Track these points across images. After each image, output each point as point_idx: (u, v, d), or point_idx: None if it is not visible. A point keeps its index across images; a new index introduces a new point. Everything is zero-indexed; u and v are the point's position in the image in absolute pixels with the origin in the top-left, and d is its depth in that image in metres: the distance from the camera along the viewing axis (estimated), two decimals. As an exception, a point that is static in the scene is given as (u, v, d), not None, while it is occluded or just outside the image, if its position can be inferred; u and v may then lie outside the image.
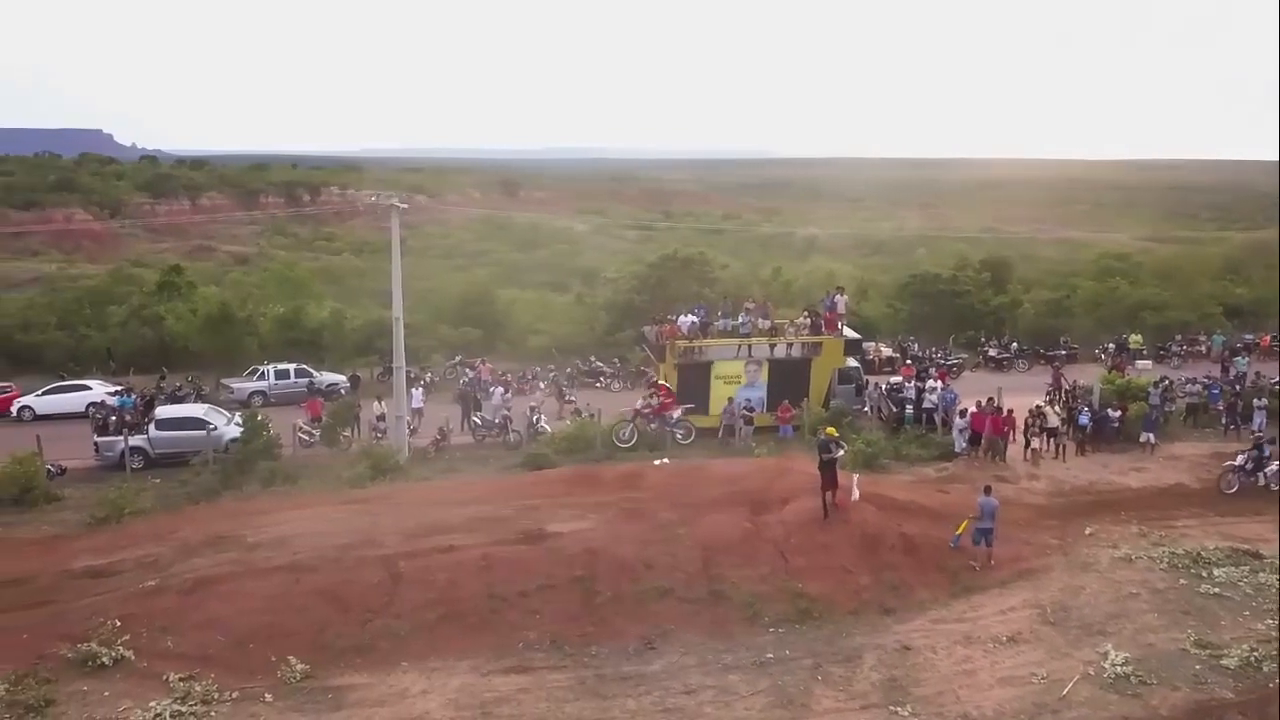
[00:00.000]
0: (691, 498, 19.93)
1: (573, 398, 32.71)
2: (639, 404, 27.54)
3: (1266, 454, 23.51)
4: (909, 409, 29.27)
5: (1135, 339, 42.61)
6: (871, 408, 30.67)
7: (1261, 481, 23.26)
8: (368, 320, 42.95)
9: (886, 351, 40.50)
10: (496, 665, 15.14)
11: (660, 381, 27.90)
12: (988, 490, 19.05)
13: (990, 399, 27.23)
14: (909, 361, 37.34)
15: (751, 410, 28.62)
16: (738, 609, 16.70)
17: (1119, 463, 25.92)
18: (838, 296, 31.33)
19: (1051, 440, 26.83)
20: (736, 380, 29.52)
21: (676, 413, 27.13)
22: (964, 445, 26.69)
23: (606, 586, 16.90)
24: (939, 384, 30.25)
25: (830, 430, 19.96)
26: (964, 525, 18.80)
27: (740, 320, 30.29)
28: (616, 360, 39.56)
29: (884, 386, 31.16)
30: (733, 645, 15.79)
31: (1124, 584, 17.89)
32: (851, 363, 31.24)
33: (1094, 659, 15.09)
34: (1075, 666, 14.90)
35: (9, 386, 35.50)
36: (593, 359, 39.86)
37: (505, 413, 29.52)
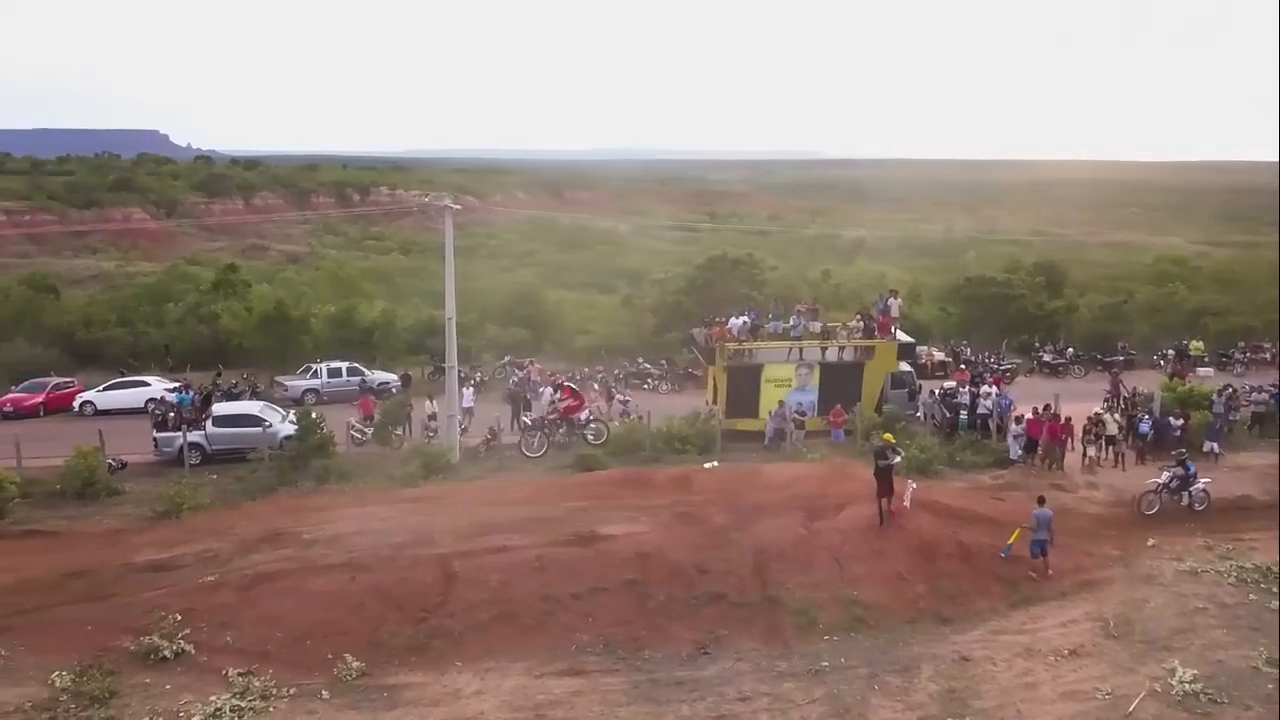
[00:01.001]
0: (744, 502, 19.79)
1: (628, 398, 32.68)
2: (546, 409, 26.72)
3: (1192, 472, 22.48)
4: (963, 415, 28.78)
5: (1196, 345, 41.59)
6: (925, 413, 30.19)
7: (1185, 501, 22.08)
8: (418, 320, 43.39)
9: (938, 356, 39.94)
10: (550, 667, 15.13)
11: (565, 383, 26.74)
12: (1041, 501, 18.70)
13: (1047, 405, 26.72)
14: (962, 366, 36.78)
15: (803, 414, 28.36)
16: (792, 616, 16.53)
17: (1182, 473, 25.22)
18: (891, 300, 30.93)
19: (1110, 448, 26.24)
20: (787, 384, 29.26)
21: (584, 414, 25.98)
22: (1019, 452, 26.18)
23: (659, 590, 16.83)
24: (994, 389, 29.75)
25: (887, 436, 19.72)
26: (1015, 535, 18.42)
27: (791, 323, 30.02)
28: (664, 362, 39.50)
29: (937, 391, 30.69)
30: (787, 652, 15.64)
31: (1190, 598, 17.42)
32: (904, 367, 30.84)
33: (1160, 675, 14.68)
34: (1141, 683, 14.50)
35: (71, 381, 36.37)
36: (640, 360, 39.83)
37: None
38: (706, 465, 24.64)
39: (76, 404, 34.40)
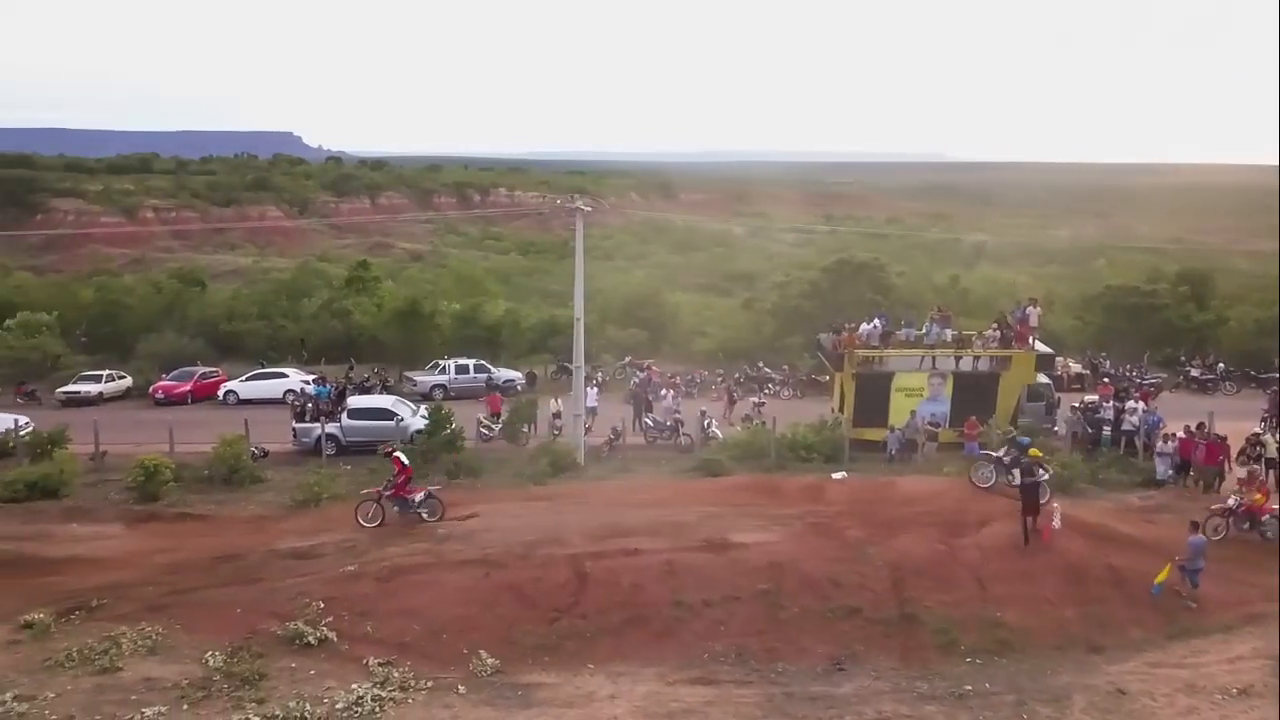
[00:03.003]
0: (879, 515, 19.24)
1: (763, 401, 32.37)
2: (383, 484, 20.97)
3: (1025, 444, 20.62)
4: (1107, 431, 27.39)
5: (1364, 363, 38.57)
6: (1067, 429, 28.75)
7: (1017, 480, 19.97)
8: (540, 319, 44.01)
9: (1075, 368, 38.20)
10: (682, 675, 14.93)
11: (395, 454, 20.73)
12: (1195, 527, 17.49)
13: (1200, 424, 25.13)
14: (1105, 380, 35.03)
15: (937, 425, 27.47)
16: (931, 635, 15.91)
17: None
18: (1030, 308, 29.67)
19: (1271, 472, 24.49)
20: (919, 393, 28.40)
21: (419, 495, 20.17)
22: (1169, 473, 24.73)
23: (793, 602, 16.45)
24: (1140, 405, 28.19)
25: (1034, 451, 18.83)
26: (1165, 571, 17.09)
27: (924, 330, 29.13)
28: (785, 367, 38.92)
29: (1078, 405, 29.29)
30: (927, 673, 15.05)
31: (1372, 638, 16.02)
32: (1042, 379, 29.53)
33: (1344, 723, 13.53)
34: (1322, 730, 13.40)
35: (216, 371, 38.26)
36: (760, 365, 39.35)
37: (677, 415, 29.45)
38: (835, 475, 24.06)
39: (221, 393, 36.15)
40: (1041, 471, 18.24)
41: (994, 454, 21.61)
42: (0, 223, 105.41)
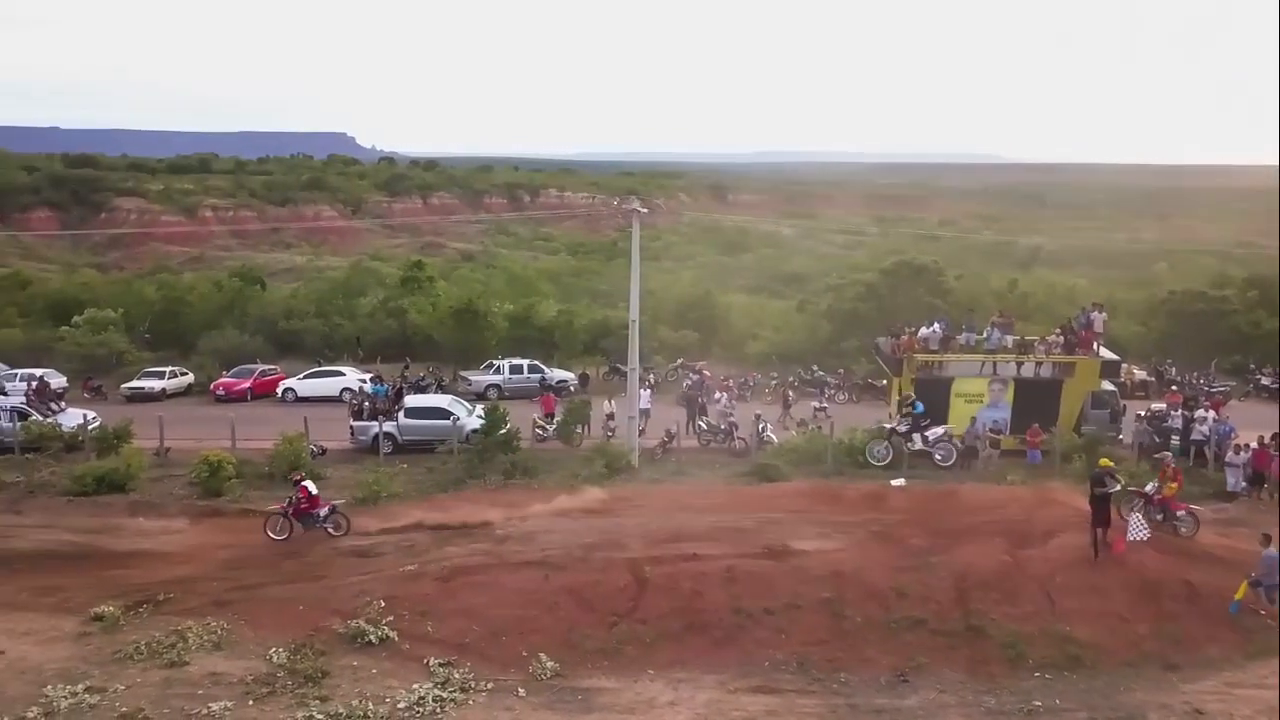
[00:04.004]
0: (943, 524, 18.90)
1: (822, 405, 32.08)
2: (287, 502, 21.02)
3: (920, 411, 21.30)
4: (1175, 440, 26.63)
5: None
6: (1134, 439, 27.97)
7: (918, 445, 21.94)
8: (592, 320, 44.02)
9: (1140, 375, 37.24)
10: (743, 683, 14.78)
11: (302, 483, 20.53)
12: (1268, 540, 16.86)
13: (1275, 434, 24.34)
14: (1173, 388, 34.10)
15: (999, 432, 26.93)
16: (998, 648, 15.56)
17: None
18: (1094, 313, 28.97)
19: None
20: (979, 399, 27.86)
21: (324, 510, 20.47)
22: (1241, 484, 23.97)
23: (856, 611, 16.20)
24: (1211, 414, 27.36)
25: (1105, 461, 18.34)
26: (1243, 589, 16.56)
27: (985, 335, 28.58)
28: (840, 370, 38.47)
29: (1144, 414, 28.52)
30: (995, 687, 14.72)
31: None
32: (1107, 386, 28.80)
33: None
34: None
35: (275, 369, 38.82)
36: (815, 368, 38.94)
37: (731, 419, 29.22)
38: (894, 482, 23.72)
39: (279, 390, 36.65)
40: (1112, 482, 17.70)
41: (888, 425, 21.25)
42: (66, 221, 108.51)
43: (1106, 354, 29.18)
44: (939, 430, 22.49)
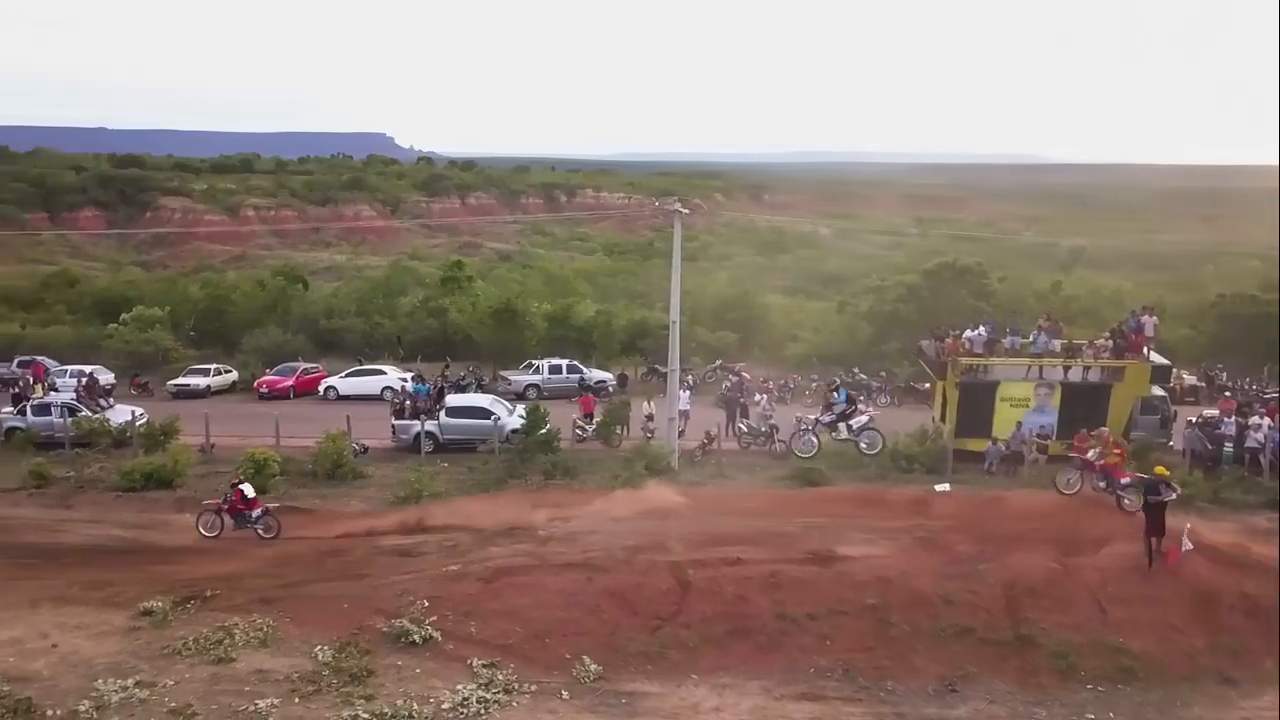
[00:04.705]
0: (990, 531, 18.59)
1: (867, 408, 31.66)
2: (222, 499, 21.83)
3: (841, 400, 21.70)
4: (1228, 447, 26.02)
5: None
6: (1186, 445, 27.36)
7: (844, 435, 22.49)
8: (630, 321, 44.00)
9: (1189, 380, 36.47)
10: (788, 689, 14.61)
11: (239, 486, 21.12)
12: None
13: (1334, 443, 23.69)
14: (1226, 393, 33.34)
15: (1046, 438, 26.48)
16: (1049, 659, 15.27)
17: None
18: (1145, 317, 28.37)
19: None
20: (1025, 404, 27.41)
21: (257, 511, 20.97)
22: (1297, 493, 23.35)
23: (902, 619, 15.96)
24: (1266, 421, 26.70)
25: (1160, 470, 17.92)
26: None
27: (1031, 338, 28.12)
28: (882, 373, 38.08)
29: (1196, 420, 27.91)
30: (1045, 698, 14.46)
31: None
32: (1157, 391, 28.21)
33: None
34: None
35: (317, 367, 39.21)
36: (856, 371, 38.59)
37: (772, 421, 29.00)
38: (938, 488, 23.40)
39: (321, 388, 37.00)
40: (1167, 491, 17.29)
41: (811, 417, 21.22)
42: (112, 220, 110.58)
43: (1157, 359, 28.60)
44: (863, 418, 22.63)
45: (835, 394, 24.14)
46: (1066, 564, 17.24)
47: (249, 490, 20.74)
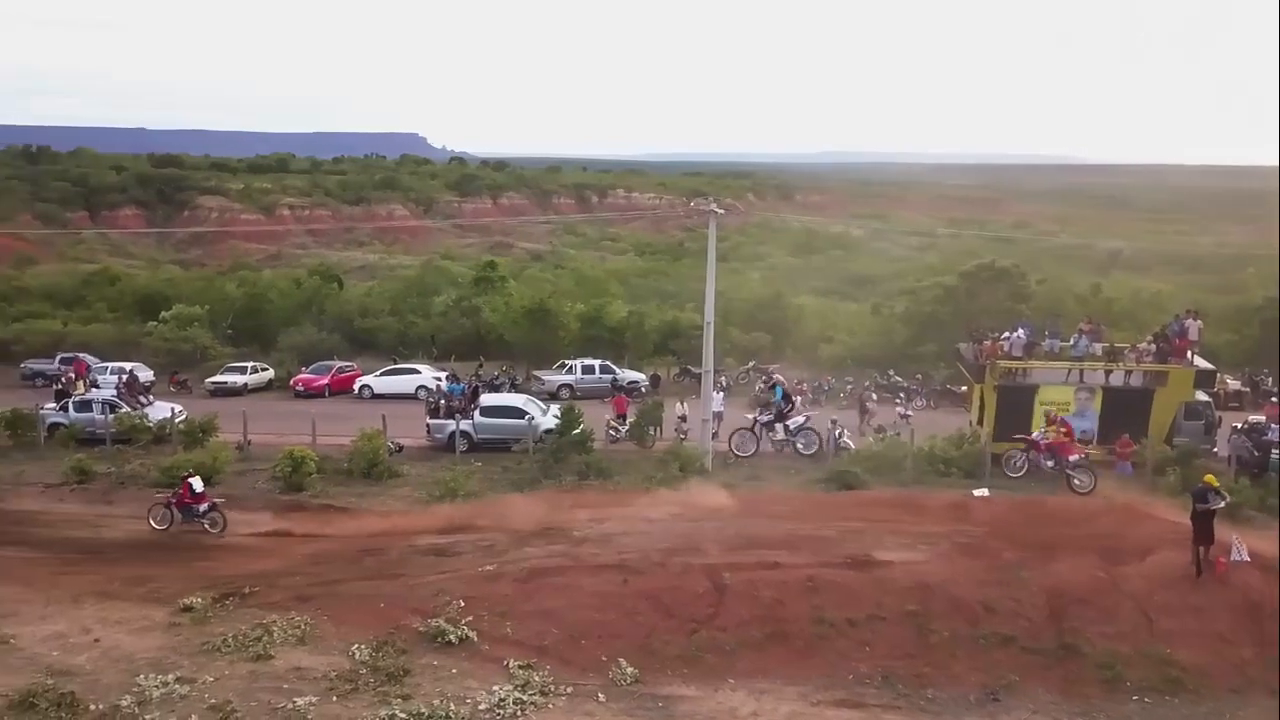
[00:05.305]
0: (1032, 537, 18.27)
1: (907, 412, 31.46)
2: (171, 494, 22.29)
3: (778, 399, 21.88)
4: (1275, 454, 25.45)
5: None
6: (1232, 452, 26.80)
7: (780, 435, 22.80)
8: (662, 321, 43.90)
9: (1233, 385, 35.77)
10: (826, 696, 14.45)
11: (188, 479, 21.47)
12: None
13: (1386, 451, 23.10)
14: (1274, 399, 32.61)
15: (1088, 443, 26.06)
16: (1093, 669, 14.99)
17: None
18: (1189, 320, 27.85)
19: None
20: (1064, 408, 26.97)
21: (204, 506, 21.24)
22: (1348, 503, 22.76)
23: (942, 625, 15.73)
24: (1313, 428, 26.11)
25: (1210, 478, 17.53)
26: None
27: (1072, 342, 27.70)
28: (918, 376, 37.71)
29: (1241, 426, 27.36)
30: (1090, 709, 14.21)
31: None
32: (1201, 397, 27.70)
33: None
34: None
35: (352, 365, 39.48)
36: (891, 373, 38.23)
37: (807, 424, 28.75)
38: (976, 492, 23.08)
39: (356, 387, 37.23)
40: (1215, 498, 16.92)
41: (750, 416, 21.24)
42: (151, 219, 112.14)
43: (1201, 363, 28.09)
44: (800, 419, 22.60)
45: (772, 392, 23.95)
46: (1111, 572, 16.91)
47: (197, 484, 21.11)
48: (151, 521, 21.25)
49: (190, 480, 21.11)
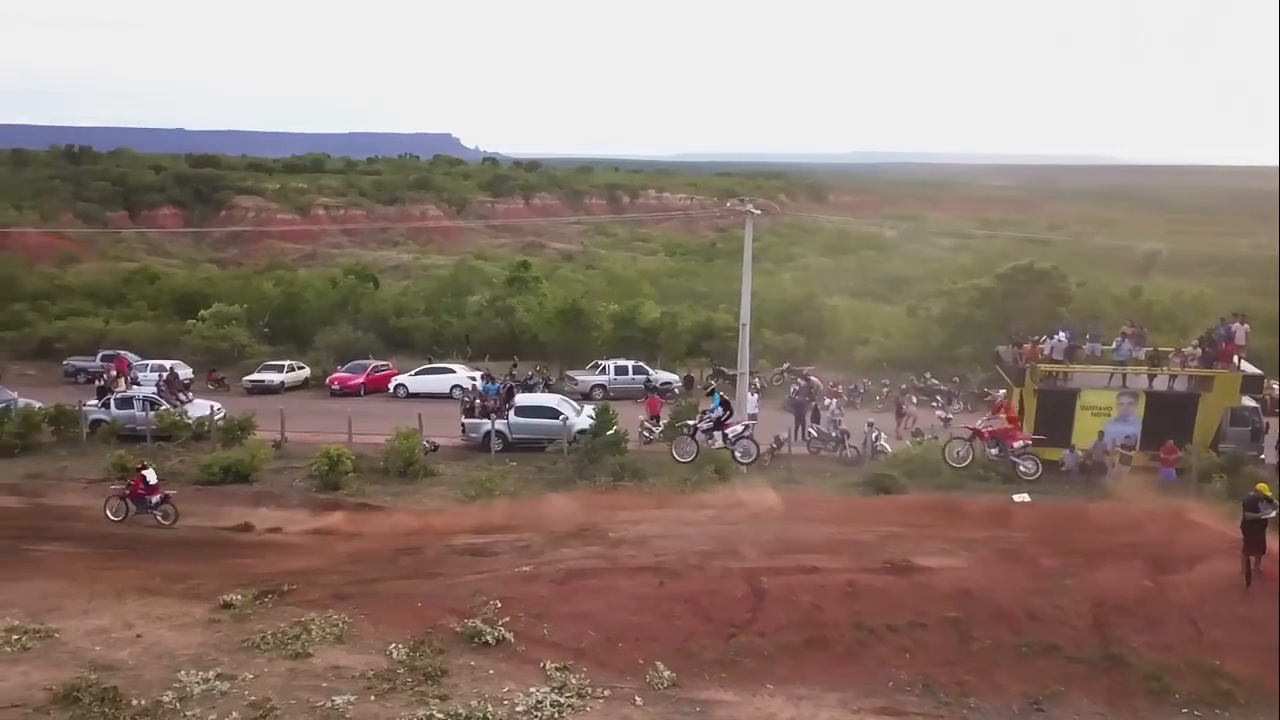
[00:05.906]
0: (1075, 544, 17.98)
1: (947, 415, 31.13)
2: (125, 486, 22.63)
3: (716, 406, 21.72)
4: (1325, 462, 24.87)
5: None
6: (1280, 459, 26.30)
7: (719, 443, 22.56)
8: (695, 322, 43.76)
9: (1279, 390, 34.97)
10: (866, 703, 14.26)
11: (142, 470, 21.81)
12: None
13: None
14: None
15: (1130, 448, 25.63)
16: (1140, 679, 14.67)
17: None
18: (1235, 324, 27.34)
19: None
20: (1106, 413, 26.57)
21: (157, 498, 21.55)
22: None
23: (984, 633, 15.49)
24: (1364, 435, 25.50)
25: (1262, 487, 17.15)
26: None
27: (1114, 345, 27.25)
28: (955, 379, 37.28)
29: (1288, 432, 26.78)
30: (1137, 721, 13.89)
31: None
32: (1248, 402, 27.16)
33: None
34: None
35: (387, 365, 39.73)
36: (928, 376, 37.83)
37: (843, 426, 28.55)
38: (1016, 498, 22.76)
39: (391, 386, 37.46)
40: (1267, 507, 16.54)
41: (690, 422, 21.05)
42: (189, 218, 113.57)
43: (1249, 368, 27.55)
44: (738, 427, 22.46)
45: (710, 399, 23.85)
46: (1158, 581, 16.61)
47: (151, 476, 21.38)
48: (108, 513, 21.57)
49: (144, 472, 21.39)
